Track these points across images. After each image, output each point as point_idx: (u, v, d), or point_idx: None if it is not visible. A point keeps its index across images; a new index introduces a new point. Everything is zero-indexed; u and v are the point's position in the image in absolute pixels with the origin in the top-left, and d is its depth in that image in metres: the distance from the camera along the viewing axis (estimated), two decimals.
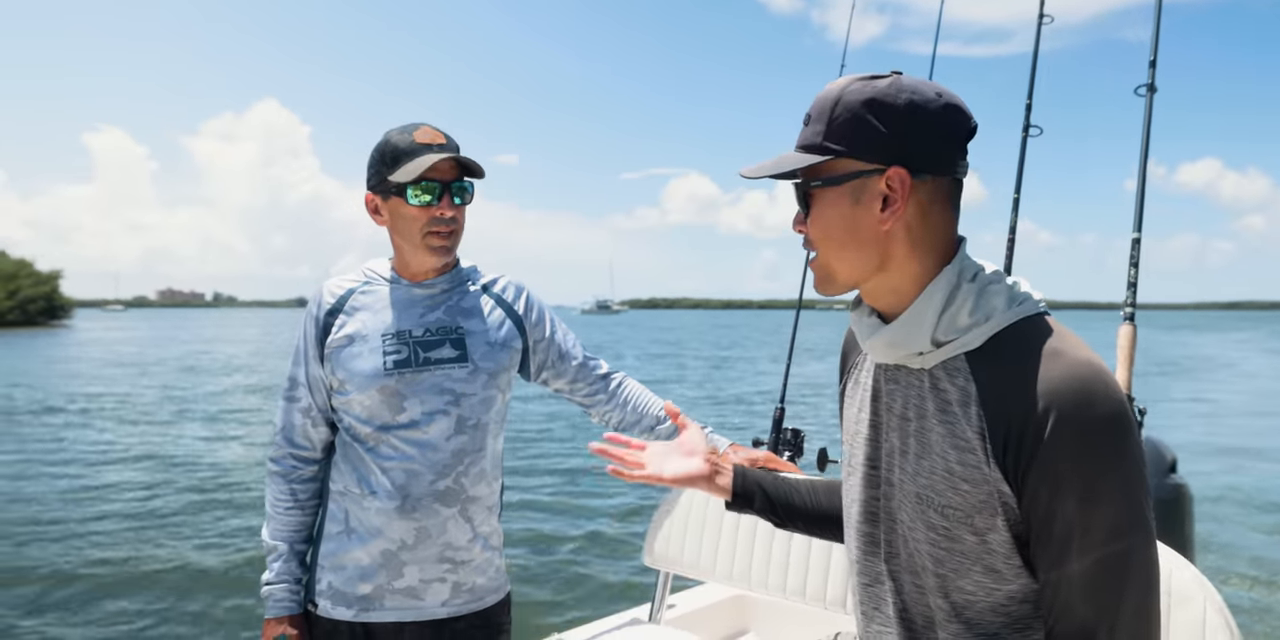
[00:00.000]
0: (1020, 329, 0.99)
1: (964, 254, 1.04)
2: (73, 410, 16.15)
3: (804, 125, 1.05)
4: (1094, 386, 0.91)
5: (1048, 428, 0.91)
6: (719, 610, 2.73)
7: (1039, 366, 0.93)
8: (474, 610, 1.77)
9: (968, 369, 1.00)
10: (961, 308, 1.00)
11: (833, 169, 1.02)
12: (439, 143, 1.67)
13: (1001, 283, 1.02)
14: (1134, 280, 2.05)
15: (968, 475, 0.98)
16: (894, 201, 0.99)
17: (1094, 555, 0.92)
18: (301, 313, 1.83)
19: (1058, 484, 0.92)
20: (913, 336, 1.01)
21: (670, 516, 2.15)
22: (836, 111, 1.00)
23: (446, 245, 1.71)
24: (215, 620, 5.26)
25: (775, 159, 1.06)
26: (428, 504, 1.68)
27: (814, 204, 1.04)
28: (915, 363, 1.04)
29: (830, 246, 1.04)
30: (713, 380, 23.59)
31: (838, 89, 1.01)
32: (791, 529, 1.39)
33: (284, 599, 1.73)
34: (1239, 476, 10.38)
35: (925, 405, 1.04)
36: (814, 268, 1.08)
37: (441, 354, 1.71)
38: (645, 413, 2.00)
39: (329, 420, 1.77)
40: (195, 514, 7.95)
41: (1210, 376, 26.12)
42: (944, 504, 1.00)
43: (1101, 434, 0.90)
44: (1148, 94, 2.19)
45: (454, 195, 1.68)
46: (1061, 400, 0.90)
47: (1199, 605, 1.39)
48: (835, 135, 1.00)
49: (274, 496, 1.77)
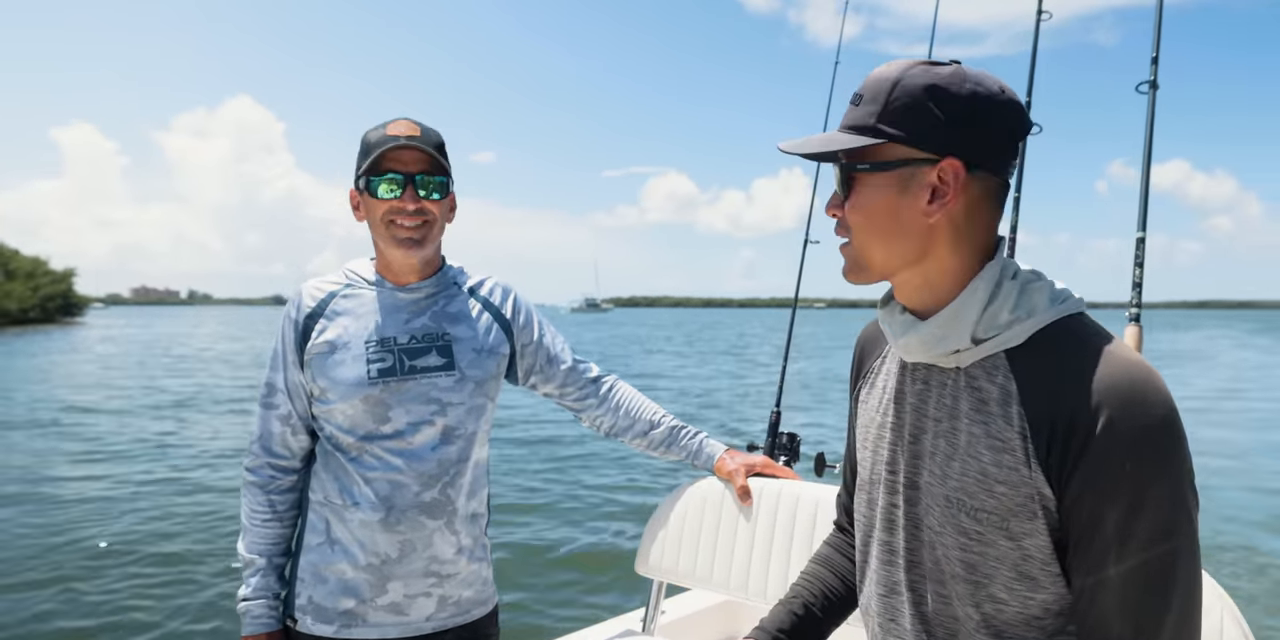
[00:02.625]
0: (1064, 326, 0.95)
1: (1004, 252, 1.00)
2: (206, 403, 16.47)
3: (852, 105, 0.99)
4: (1148, 387, 0.87)
5: (1098, 427, 0.86)
6: (710, 617, 2.68)
7: (1088, 365, 0.89)
8: (461, 623, 1.71)
9: (1008, 366, 0.95)
10: (1004, 305, 0.96)
11: (882, 154, 0.97)
12: (410, 135, 1.60)
13: (1043, 281, 0.99)
14: (1139, 280, 2.00)
15: (1003, 477, 0.93)
16: (944, 194, 0.95)
17: (1136, 562, 0.87)
18: (280, 311, 1.77)
19: (1105, 486, 0.87)
20: (954, 333, 0.97)
21: (664, 525, 2.09)
22: (894, 94, 0.94)
23: (413, 237, 1.63)
24: (189, 636, 5.12)
25: (823, 136, 1.00)
26: (413, 516, 1.61)
27: (856, 188, 0.98)
28: (949, 361, 1.00)
29: (869, 234, 0.99)
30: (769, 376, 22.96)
31: (896, 71, 0.96)
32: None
33: (262, 615, 1.66)
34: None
35: (958, 405, 0.99)
36: (846, 254, 1.02)
37: (427, 362, 1.65)
38: (638, 417, 1.95)
39: (309, 428, 1.71)
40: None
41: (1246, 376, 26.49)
42: (976, 507, 0.96)
43: (1154, 436, 0.86)
44: (1150, 91, 2.15)
45: (418, 187, 1.61)
46: (1114, 399, 0.86)
47: (1216, 615, 1.34)
48: (890, 118, 0.95)
49: (250, 508, 1.70)
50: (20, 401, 16.49)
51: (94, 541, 6.88)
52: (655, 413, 1.97)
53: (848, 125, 0.99)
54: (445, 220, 1.70)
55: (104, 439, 12.04)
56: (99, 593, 5.74)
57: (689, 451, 1.99)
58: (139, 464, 10.21)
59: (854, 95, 0.99)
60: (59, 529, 7.23)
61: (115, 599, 5.63)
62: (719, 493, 2.03)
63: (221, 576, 6.01)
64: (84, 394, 17.97)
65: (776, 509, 1.94)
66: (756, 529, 1.96)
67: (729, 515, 2.01)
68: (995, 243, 1.01)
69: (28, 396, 17.42)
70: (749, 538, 1.97)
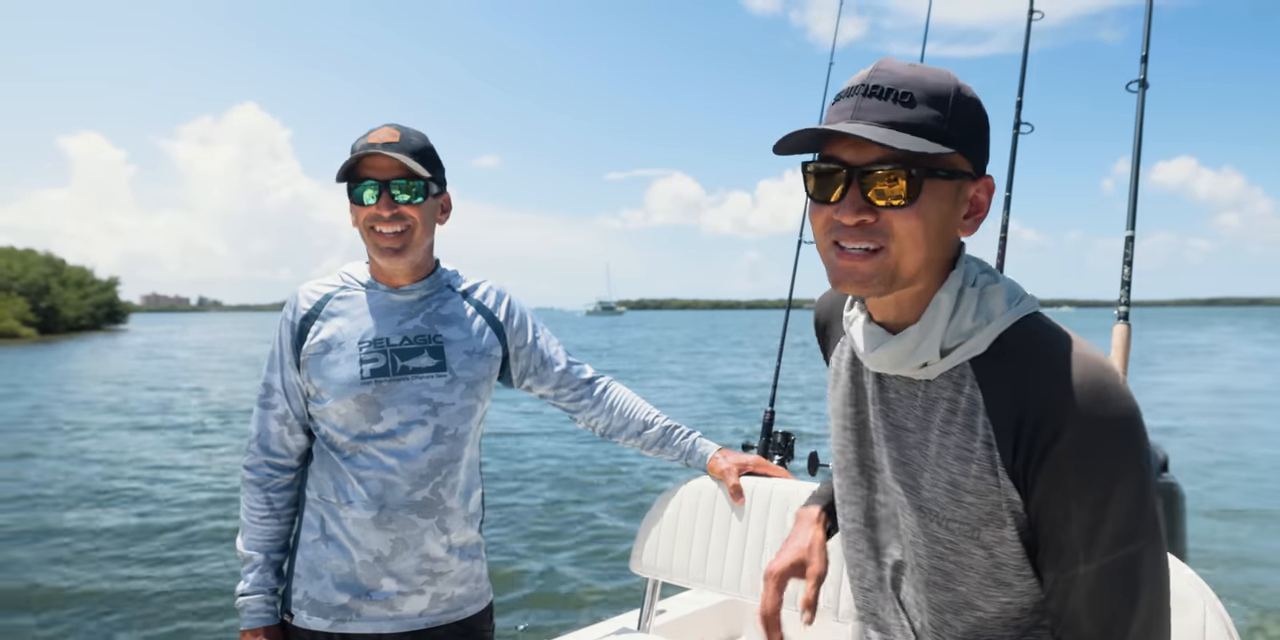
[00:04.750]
0: (1023, 328, 0.95)
1: (965, 257, 1.00)
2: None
3: (886, 99, 0.90)
4: (1108, 387, 0.87)
5: (1062, 429, 0.86)
6: (710, 616, 2.70)
7: (1048, 368, 0.89)
8: (454, 620, 1.74)
9: (974, 375, 0.95)
10: (966, 313, 0.95)
11: (951, 163, 0.92)
12: (386, 142, 1.62)
13: (998, 282, 0.98)
14: (1128, 279, 2.01)
15: (972, 487, 0.94)
16: (978, 210, 0.96)
17: (1104, 559, 0.88)
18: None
19: (1069, 486, 0.88)
20: (923, 347, 0.96)
21: (658, 524, 2.12)
22: (958, 101, 0.91)
23: (392, 247, 1.65)
24: (189, 632, 5.17)
25: (887, 131, 0.89)
26: (404, 515, 1.65)
27: (922, 196, 0.91)
28: (919, 374, 0.99)
29: (916, 242, 0.92)
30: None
31: (948, 78, 0.92)
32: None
33: (259, 610, 1.70)
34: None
35: (929, 417, 0.99)
36: (874, 265, 0.93)
37: (419, 363, 1.68)
38: (632, 418, 1.97)
39: (306, 427, 1.74)
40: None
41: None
42: (948, 518, 0.96)
43: (1116, 434, 0.86)
44: (1140, 90, 2.16)
45: (394, 193, 1.63)
46: (1076, 401, 0.86)
47: (1198, 610, 1.34)
48: (957, 127, 0.91)
49: (249, 505, 1.73)
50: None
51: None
52: (649, 413, 2.00)
53: (903, 123, 0.90)
54: (432, 224, 1.72)
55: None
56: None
57: (682, 451, 2.01)
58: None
59: (884, 90, 0.91)
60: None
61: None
62: (712, 492, 2.05)
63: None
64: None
65: (769, 507, 1.96)
66: (749, 527, 1.98)
67: (722, 514, 2.03)
68: (960, 248, 1.01)
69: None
70: (741, 536, 1.99)
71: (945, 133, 0.90)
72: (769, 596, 1.21)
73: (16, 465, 10.60)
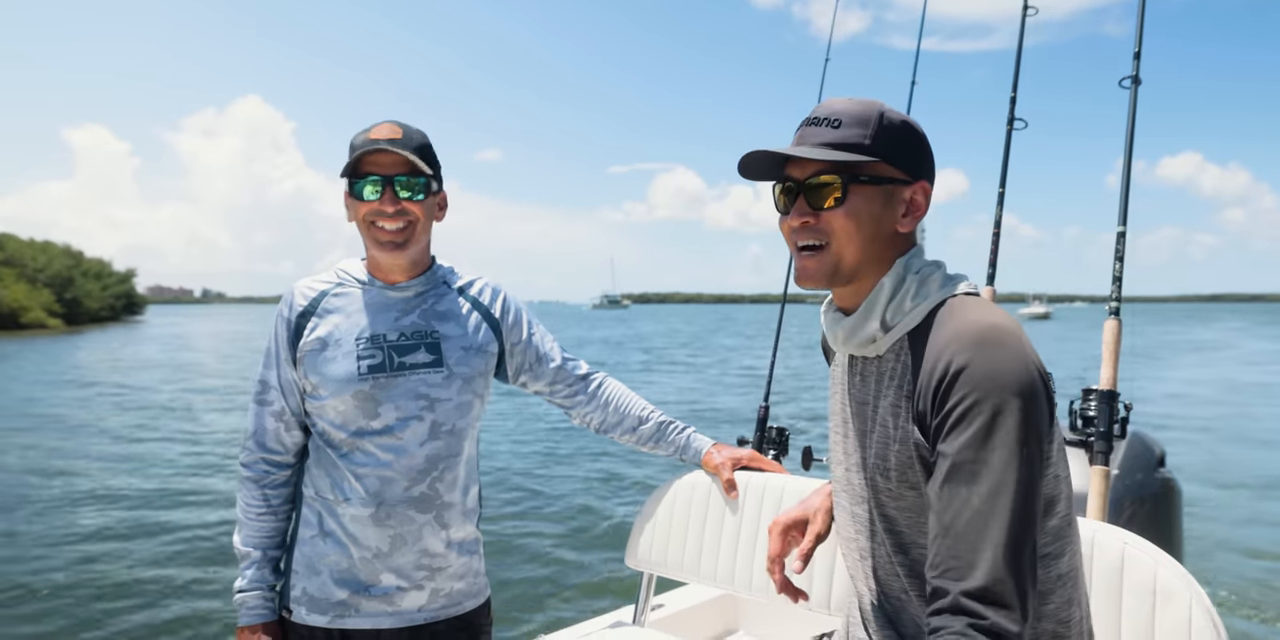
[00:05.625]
0: (949, 304, 1.11)
1: (916, 251, 1.17)
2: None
3: (824, 127, 1.13)
4: (998, 337, 1.01)
5: (950, 370, 1.01)
6: (705, 610, 2.72)
7: (951, 327, 1.06)
8: (453, 615, 1.75)
9: (908, 346, 1.13)
10: (906, 295, 1.13)
11: (876, 170, 1.13)
12: (390, 138, 1.64)
13: (938, 272, 1.16)
14: (1119, 274, 2.01)
15: (898, 436, 1.11)
16: (916, 209, 1.15)
17: (966, 492, 0.97)
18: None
19: (946, 424, 1.01)
20: (866, 323, 1.15)
21: (652, 518, 2.13)
22: (883, 123, 1.12)
23: (394, 241, 1.67)
24: (187, 629, 5.17)
25: (817, 149, 1.12)
26: (402, 511, 1.66)
27: (850, 198, 1.12)
28: (870, 351, 1.17)
29: (851, 239, 1.13)
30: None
31: (873, 105, 1.14)
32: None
33: (257, 606, 1.72)
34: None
35: (879, 387, 1.16)
36: (815, 259, 1.15)
37: (416, 359, 1.69)
38: (626, 414, 1.99)
39: (302, 424, 1.75)
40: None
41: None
42: (887, 467, 1.13)
43: (997, 378, 0.98)
44: (1132, 86, 2.16)
45: (397, 189, 1.65)
46: (965, 347, 1.01)
47: (1184, 604, 1.35)
48: (880, 142, 1.12)
49: (246, 502, 1.75)
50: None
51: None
52: (643, 409, 2.01)
53: (834, 143, 1.12)
54: (431, 220, 1.73)
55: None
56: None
57: (677, 446, 2.03)
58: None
59: (820, 119, 1.14)
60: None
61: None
62: (706, 486, 2.07)
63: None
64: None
65: (762, 501, 1.98)
66: (743, 522, 2.00)
67: (716, 508, 2.05)
68: (912, 240, 1.19)
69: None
70: (735, 530, 2.00)
71: (870, 147, 1.11)
72: (773, 543, 1.48)
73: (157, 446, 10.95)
